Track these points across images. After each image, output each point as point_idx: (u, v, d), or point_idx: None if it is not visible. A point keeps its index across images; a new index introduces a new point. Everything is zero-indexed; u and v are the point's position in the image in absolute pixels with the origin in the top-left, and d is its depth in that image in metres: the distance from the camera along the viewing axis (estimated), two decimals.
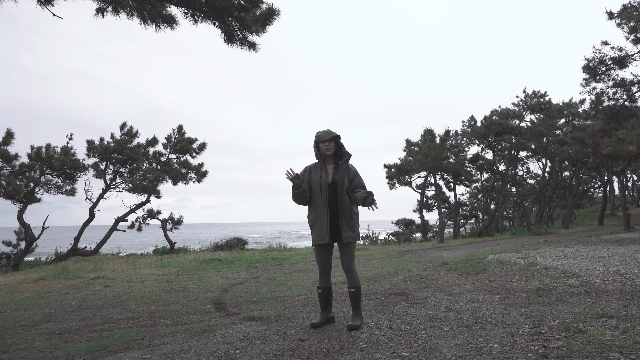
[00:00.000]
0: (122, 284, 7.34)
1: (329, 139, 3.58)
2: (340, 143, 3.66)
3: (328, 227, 3.53)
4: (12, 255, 14.36)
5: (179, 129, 17.88)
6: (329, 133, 3.59)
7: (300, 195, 3.55)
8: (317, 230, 3.56)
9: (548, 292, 4.66)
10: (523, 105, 25.89)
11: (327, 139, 3.57)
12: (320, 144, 3.61)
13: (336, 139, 3.63)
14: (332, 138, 3.59)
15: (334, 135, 3.60)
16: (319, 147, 3.64)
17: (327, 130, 3.62)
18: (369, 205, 3.44)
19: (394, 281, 6.33)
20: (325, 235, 3.52)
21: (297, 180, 3.52)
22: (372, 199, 3.43)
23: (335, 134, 3.61)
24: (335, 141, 3.62)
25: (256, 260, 11.30)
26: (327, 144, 3.59)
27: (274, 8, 5.33)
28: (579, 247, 9.18)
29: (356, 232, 3.61)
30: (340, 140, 3.66)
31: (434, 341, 3.01)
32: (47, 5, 4.63)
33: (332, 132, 3.60)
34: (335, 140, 3.63)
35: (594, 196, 45.18)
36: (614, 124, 16.06)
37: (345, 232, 3.54)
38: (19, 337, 3.92)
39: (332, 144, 3.60)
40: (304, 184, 3.55)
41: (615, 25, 13.74)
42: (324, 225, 3.52)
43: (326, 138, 3.57)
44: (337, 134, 3.62)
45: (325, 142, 3.59)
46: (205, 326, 3.92)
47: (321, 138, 3.59)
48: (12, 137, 13.95)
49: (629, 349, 2.59)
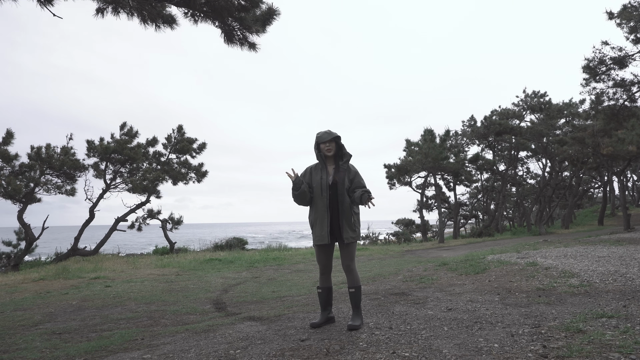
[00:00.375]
0: (122, 284, 7.34)
1: (330, 140, 3.59)
2: (341, 144, 3.66)
3: (328, 227, 3.53)
4: (12, 255, 14.37)
5: (179, 129, 17.88)
6: (329, 134, 3.60)
7: (300, 196, 3.56)
8: (317, 230, 3.57)
9: (548, 292, 4.66)
10: (523, 105, 25.89)
11: (327, 140, 3.58)
12: (321, 145, 3.62)
13: (336, 140, 3.63)
14: (332, 139, 3.59)
15: (335, 135, 3.61)
16: (319, 148, 3.65)
17: (327, 131, 3.62)
18: (365, 202, 3.44)
19: (394, 281, 6.33)
20: (325, 235, 3.53)
21: (297, 181, 3.53)
22: (368, 196, 3.43)
23: (336, 135, 3.62)
24: (335, 142, 3.63)
25: (256, 260, 11.30)
26: (327, 144, 3.59)
27: (274, 8, 5.33)
28: (579, 247, 9.17)
29: (357, 232, 3.62)
30: (340, 141, 3.66)
31: (434, 341, 3.01)
32: (47, 5, 4.63)
33: (332, 133, 3.61)
34: (336, 141, 3.63)
35: (594, 196, 45.17)
36: (614, 124, 16.06)
37: (346, 232, 3.55)
38: (19, 337, 3.93)
39: (332, 144, 3.60)
40: (304, 185, 3.55)
41: (615, 25, 13.75)
42: (325, 225, 3.53)
43: (326, 139, 3.57)
44: (337, 135, 3.63)
45: (325, 143, 3.59)
46: (205, 326, 3.92)
47: (321, 139, 3.59)
48: (12, 137, 13.95)
49: (629, 349, 2.59)
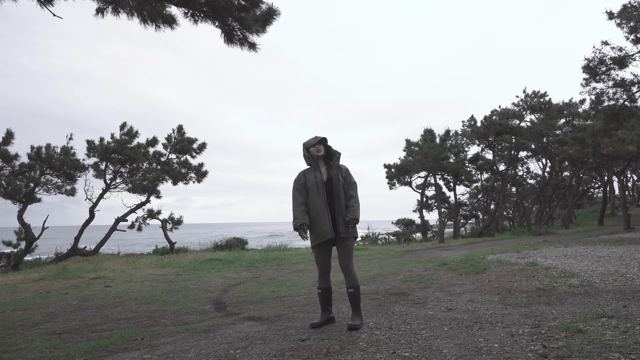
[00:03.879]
0: (122, 284, 7.34)
1: (317, 142, 3.78)
2: (328, 145, 3.83)
3: (330, 222, 3.58)
4: (12, 255, 14.35)
5: (179, 129, 17.89)
6: (315, 138, 3.81)
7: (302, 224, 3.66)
8: (318, 227, 3.59)
9: (548, 292, 4.66)
10: (523, 105, 25.89)
11: (315, 143, 3.77)
12: (311, 148, 3.78)
13: (323, 142, 3.83)
14: (319, 141, 3.79)
15: (321, 138, 3.81)
16: (309, 152, 3.79)
17: (313, 137, 3.83)
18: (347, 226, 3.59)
19: (394, 281, 6.33)
20: (329, 230, 3.56)
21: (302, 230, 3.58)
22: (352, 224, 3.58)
23: (323, 137, 3.82)
24: (323, 144, 3.81)
25: (256, 260, 11.30)
26: (316, 146, 3.77)
27: (274, 8, 5.33)
28: (579, 247, 9.17)
29: (354, 229, 3.66)
30: (327, 142, 3.84)
31: (434, 341, 3.01)
32: (47, 5, 4.63)
33: (318, 137, 3.81)
34: (323, 143, 3.82)
35: (594, 196, 45.18)
36: (614, 124, 16.05)
37: (343, 227, 3.60)
38: (19, 337, 3.93)
39: (320, 146, 3.79)
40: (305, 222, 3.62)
41: (615, 25, 13.74)
42: (326, 220, 3.58)
43: (314, 142, 3.77)
44: (324, 137, 3.83)
45: (314, 146, 3.77)
46: (205, 326, 3.93)
47: (310, 143, 3.78)
48: (12, 137, 13.95)
49: (629, 349, 2.58)
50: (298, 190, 3.71)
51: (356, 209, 3.61)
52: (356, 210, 3.60)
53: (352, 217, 3.55)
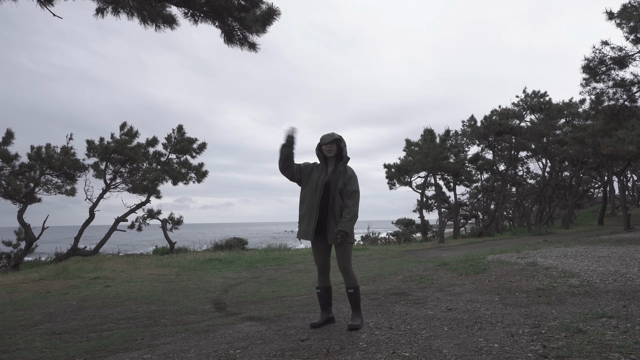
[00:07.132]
0: (122, 284, 7.34)
1: (331, 141, 3.61)
2: (342, 146, 3.65)
3: (314, 225, 3.52)
4: (12, 255, 14.36)
5: (179, 129, 17.89)
6: (331, 136, 3.63)
7: (286, 155, 3.55)
8: (304, 226, 3.58)
9: (548, 292, 4.66)
10: (523, 105, 25.87)
11: (329, 141, 3.61)
12: (323, 146, 3.63)
13: (338, 142, 3.64)
14: (334, 140, 3.61)
15: (337, 137, 3.63)
16: (321, 149, 3.66)
17: (330, 133, 3.66)
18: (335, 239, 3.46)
19: (394, 281, 6.33)
20: (310, 232, 3.53)
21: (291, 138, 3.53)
22: (340, 235, 3.40)
23: (338, 137, 3.64)
24: (337, 144, 3.64)
25: (256, 260, 11.30)
26: (329, 145, 3.61)
27: (274, 8, 5.33)
28: (579, 247, 9.17)
29: (350, 234, 3.55)
30: (341, 144, 3.65)
31: (434, 341, 3.01)
32: (47, 5, 4.63)
33: (334, 135, 3.64)
34: (337, 143, 3.64)
35: (594, 196, 45.18)
36: (614, 124, 16.04)
37: (331, 233, 3.51)
38: (19, 337, 3.92)
39: (334, 146, 3.62)
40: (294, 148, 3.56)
41: (615, 26, 13.72)
42: (312, 223, 3.53)
43: (328, 140, 3.60)
44: (339, 137, 3.65)
45: (327, 144, 3.61)
46: (205, 326, 3.92)
47: (324, 140, 3.63)
48: (12, 137, 13.96)
49: (629, 349, 2.58)
50: (299, 165, 3.66)
51: (347, 221, 3.42)
52: (347, 223, 3.42)
53: (340, 228, 3.41)
